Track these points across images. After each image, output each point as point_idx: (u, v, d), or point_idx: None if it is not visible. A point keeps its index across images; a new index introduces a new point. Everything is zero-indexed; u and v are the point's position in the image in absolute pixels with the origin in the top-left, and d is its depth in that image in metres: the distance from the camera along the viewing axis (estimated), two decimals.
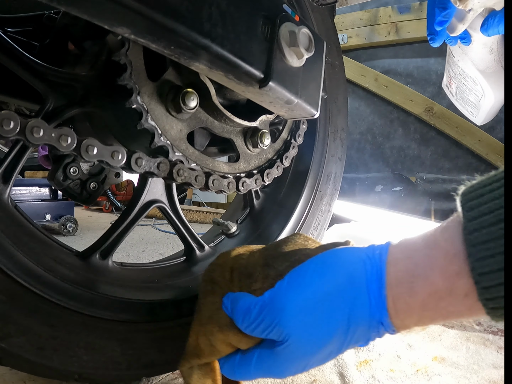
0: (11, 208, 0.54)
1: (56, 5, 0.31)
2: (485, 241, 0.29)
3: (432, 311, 0.33)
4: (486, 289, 0.29)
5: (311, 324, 0.36)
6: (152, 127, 0.50)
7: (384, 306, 0.34)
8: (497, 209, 0.29)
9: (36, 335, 0.49)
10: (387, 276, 0.34)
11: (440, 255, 0.32)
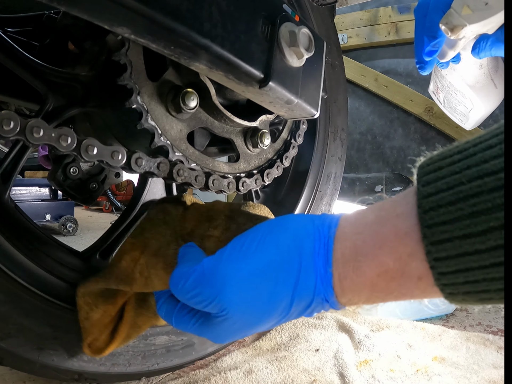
0: (11, 208, 0.54)
1: (56, 5, 0.31)
2: (442, 222, 0.25)
3: (383, 292, 0.30)
4: (443, 274, 0.26)
5: (252, 299, 0.33)
6: (152, 127, 0.50)
7: (330, 284, 0.32)
8: (456, 185, 0.25)
9: (36, 335, 0.49)
10: (334, 252, 0.31)
11: (390, 233, 0.29)
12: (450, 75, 0.84)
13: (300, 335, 0.82)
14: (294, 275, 0.33)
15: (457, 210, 0.25)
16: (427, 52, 0.75)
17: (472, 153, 0.26)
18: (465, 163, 0.26)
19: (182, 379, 0.65)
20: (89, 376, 0.55)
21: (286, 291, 0.33)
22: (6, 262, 0.48)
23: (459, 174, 0.26)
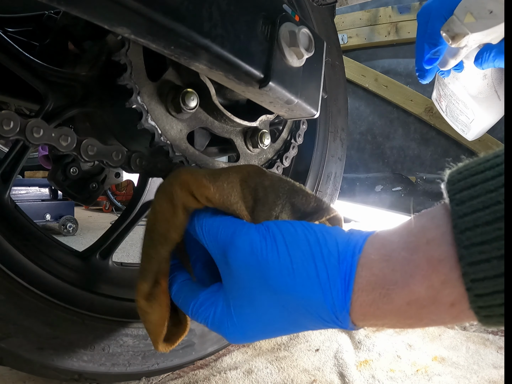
0: (11, 208, 0.54)
1: (56, 5, 0.31)
2: (480, 242, 0.25)
3: (411, 319, 0.30)
4: (479, 296, 0.25)
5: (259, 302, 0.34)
6: (152, 127, 0.50)
7: (347, 309, 0.31)
8: (493, 204, 0.25)
9: (36, 335, 0.49)
10: (357, 279, 0.31)
11: (422, 260, 0.28)
12: (453, 83, 0.82)
13: (300, 335, 0.82)
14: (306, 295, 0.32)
15: (494, 230, 0.24)
16: (427, 60, 0.72)
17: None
18: (499, 181, 0.25)
19: (182, 379, 0.65)
20: (89, 376, 0.55)
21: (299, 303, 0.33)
22: (6, 262, 0.48)
23: (494, 192, 0.25)
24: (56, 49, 0.63)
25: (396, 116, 2.75)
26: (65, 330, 0.52)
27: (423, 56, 0.72)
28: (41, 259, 0.53)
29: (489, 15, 0.58)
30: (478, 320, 0.27)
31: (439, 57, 0.71)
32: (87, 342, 0.54)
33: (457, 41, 0.61)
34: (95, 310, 0.55)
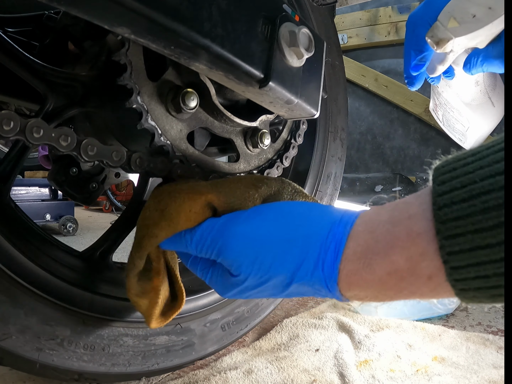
0: (11, 208, 0.54)
1: (56, 5, 0.31)
2: (456, 217, 0.27)
3: (392, 290, 0.31)
4: (455, 269, 0.27)
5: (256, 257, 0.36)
6: (152, 127, 0.50)
7: (335, 279, 0.33)
8: (470, 183, 0.27)
9: (36, 335, 0.49)
10: (345, 250, 0.33)
11: (402, 233, 0.30)
12: (446, 92, 0.82)
13: (300, 335, 0.82)
14: (300, 257, 0.35)
15: (469, 206, 0.26)
16: (414, 67, 0.72)
17: (485, 155, 0.27)
18: (478, 164, 0.27)
19: (182, 379, 0.65)
20: (89, 376, 0.55)
21: (289, 266, 0.35)
22: (6, 262, 0.48)
23: (472, 173, 0.27)
24: (56, 49, 0.63)
25: (396, 116, 2.75)
26: (65, 330, 0.52)
27: (409, 62, 0.72)
28: (41, 259, 0.53)
29: (472, 19, 0.58)
30: (455, 294, 0.28)
31: (425, 63, 0.70)
32: (87, 342, 0.54)
33: (442, 46, 0.61)
34: (95, 310, 0.55)
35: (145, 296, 0.47)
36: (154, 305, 0.46)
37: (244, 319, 0.75)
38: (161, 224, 0.43)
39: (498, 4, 0.56)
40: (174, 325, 0.64)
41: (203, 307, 0.68)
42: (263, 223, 0.38)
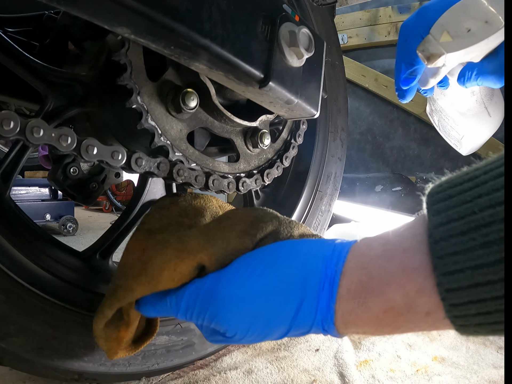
0: (11, 208, 0.54)
1: (56, 5, 0.31)
2: (454, 252, 0.25)
3: (389, 327, 0.30)
4: (454, 306, 0.25)
5: (251, 321, 0.34)
6: (152, 127, 0.50)
7: (331, 320, 0.32)
8: (468, 214, 0.25)
9: (36, 335, 0.49)
10: (339, 288, 0.31)
11: (397, 268, 0.29)
12: (441, 100, 0.78)
13: None
14: (295, 307, 0.33)
15: (469, 240, 0.24)
16: (403, 80, 0.67)
17: (483, 181, 0.25)
18: (477, 192, 0.25)
19: (182, 379, 0.65)
20: (89, 376, 0.55)
21: (285, 319, 0.33)
22: (6, 262, 0.48)
23: (470, 203, 0.25)
24: (56, 49, 0.63)
25: (396, 116, 2.75)
26: (65, 330, 0.52)
27: (400, 76, 0.68)
28: (41, 259, 0.53)
29: (466, 33, 0.54)
30: (455, 329, 0.27)
31: (415, 77, 0.66)
32: (87, 342, 0.54)
33: (433, 61, 0.57)
34: (95, 310, 0.55)
35: (108, 342, 0.45)
36: (113, 354, 0.46)
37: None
38: (140, 279, 0.40)
39: (496, 18, 0.52)
40: (174, 325, 0.64)
41: None
42: (253, 279, 0.35)
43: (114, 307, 0.42)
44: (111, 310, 0.43)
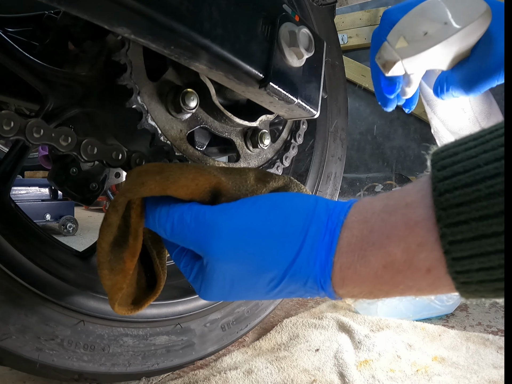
0: (11, 208, 0.54)
1: (56, 5, 0.31)
2: (459, 203, 0.24)
3: (387, 285, 0.29)
4: (457, 260, 0.25)
5: (244, 254, 0.33)
6: (152, 127, 0.50)
7: (328, 273, 0.31)
8: (473, 168, 0.25)
9: (36, 335, 0.49)
10: (339, 241, 0.30)
11: (399, 221, 0.28)
12: (433, 119, 0.72)
13: (300, 335, 0.82)
14: (293, 253, 0.32)
15: (474, 191, 0.24)
16: (386, 88, 0.62)
17: (489, 139, 0.26)
18: (482, 148, 0.25)
19: (182, 379, 0.65)
20: (89, 376, 0.55)
21: (280, 263, 0.32)
22: (6, 262, 0.48)
23: (475, 158, 0.25)
24: (56, 49, 0.63)
25: (396, 116, 2.75)
26: (65, 330, 0.52)
27: (379, 85, 0.62)
28: (41, 259, 0.53)
29: (423, 37, 0.50)
30: (456, 287, 0.26)
31: (396, 83, 0.60)
32: (87, 342, 0.54)
33: (389, 69, 0.53)
34: (95, 310, 0.55)
35: (112, 275, 0.41)
36: (118, 290, 0.41)
37: (244, 319, 0.75)
38: (155, 177, 0.37)
39: (456, 18, 0.48)
40: (174, 325, 0.64)
41: (203, 307, 0.68)
42: (256, 215, 0.34)
43: (121, 205, 0.39)
44: (116, 214, 0.39)
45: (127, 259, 0.40)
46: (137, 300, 0.45)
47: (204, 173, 0.38)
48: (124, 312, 0.43)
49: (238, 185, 0.39)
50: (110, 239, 0.40)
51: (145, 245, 0.43)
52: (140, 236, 0.40)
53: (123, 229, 0.40)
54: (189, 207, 0.37)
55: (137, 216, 0.39)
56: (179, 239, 0.37)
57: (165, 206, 0.38)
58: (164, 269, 0.45)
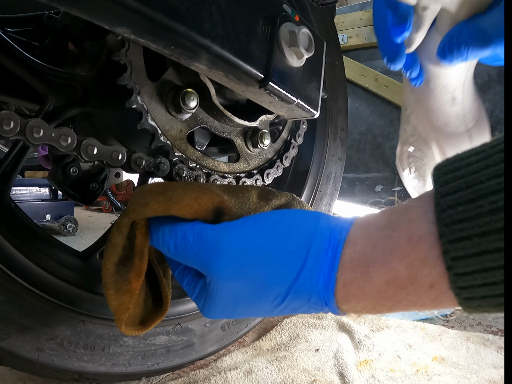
0: (11, 208, 0.54)
1: (56, 5, 0.31)
2: (461, 219, 0.25)
3: (390, 300, 0.29)
4: (460, 276, 0.25)
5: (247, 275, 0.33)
6: (152, 127, 0.50)
7: (332, 289, 0.31)
8: (475, 184, 0.25)
9: (36, 335, 0.49)
10: (342, 257, 0.31)
11: (402, 237, 0.28)
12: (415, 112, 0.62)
13: (300, 335, 0.82)
14: (296, 270, 0.32)
15: (476, 207, 0.24)
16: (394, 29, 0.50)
17: (491, 154, 0.26)
18: (484, 163, 0.25)
19: (182, 379, 0.65)
20: (89, 376, 0.55)
21: (283, 281, 0.32)
22: (6, 262, 0.48)
23: (478, 173, 0.25)
24: (56, 49, 0.63)
25: (396, 116, 2.75)
26: (65, 330, 0.52)
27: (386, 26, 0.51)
28: (41, 259, 0.53)
29: None
30: (459, 302, 0.26)
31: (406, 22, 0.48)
32: (87, 342, 0.54)
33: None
34: (95, 310, 0.55)
35: (118, 296, 0.41)
36: (125, 310, 0.41)
37: (244, 319, 0.75)
38: (158, 198, 0.38)
39: None
40: (174, 325, 0.64)
41: None
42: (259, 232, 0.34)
43: (125, 225, 0.39)
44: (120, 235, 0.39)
45: (132, 279, 0.40)
46: (144, 320, 0.45)
47: (207, 192, 0.38)
48: (131, 332, 0.43)
49: (241, 203, 0.39)
50: (115, 260, 0.40)
51: (150, 264, 0.44)
52: (146, 257, 0.41)
53: (128, 250, 0.41)
54: (192, 226, 0.37)
55: (142, 237, 0.40)
56: (182, 258, 0.37)
57: (169, 225, 0.38)
58: (170, 288, 0.46)
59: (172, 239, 0.37)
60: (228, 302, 0.35)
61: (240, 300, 0.34)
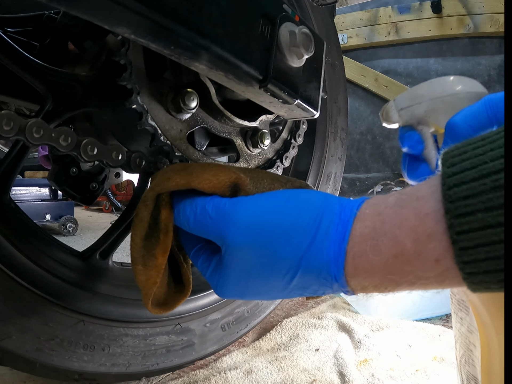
0: (11, 208, 0.54)
1: (56, 5, 0.31)
2: (466, 196, 0.27)
3: (397, 274, 0.30)
4: (464, 250, 0.26)
5: (260, 244, 0.35)
6: (152, 127, 0.50)
7: (342, 262, 0.32)
8: (480, 164, 0.27)
9: (36, 335, 0.49)
10: (352, 231, 0.32)
11: (410, 214, 0.30)
12: None
13: (300, 335, 0.82)
14: (306, 241, 0.33)
15: (480, 185, 0.26)
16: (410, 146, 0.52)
17: (495, 139, 0.28)
18: (489, 147, 0.28)
19: (182, 379, 0.65)
20: (89, 376, 0.55)
21: (295, 252, 0.34)
22: (6, 262, 0.48)
23: (482, 155, 0.27)
24: (56, 49, 0.63)
25: None
26: (65, 330, 0.52)
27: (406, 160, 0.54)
28: (41, 259, 0.53)
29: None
30: (463, 278, 0.27)
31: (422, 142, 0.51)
32: (87, 342, 0.54)
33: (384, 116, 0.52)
34: (95, 310, 0.55)
35: (146, 270, 0.42)
36: (152, 284, 0.42)
37: (244, 319, 0.75)
38: (180, 173, 0.40)
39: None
40: (174, 325, 0.64)
41: (203, 307, 0.68)
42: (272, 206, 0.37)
43: (150, 199, 0.41)
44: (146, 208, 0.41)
45: (158, 255, 0.42)
46: (166, 302, 0.46)
47: (224, 170, 0.41)
48: (156, 311, 0.44)
49: (256, 182, 0.42)
50: (143, 234, 0.42)
51: (171, 251, 0.45)
52: (170, 232, 0.42)
53: (152, 227, 0.43)
54: (211, 198, 0.40)
55: (167, 212, 0.42)
56: (200, 229, 0.40)
57: (190, 198, 0.41)
58: (190, 272, 0.47)
59: (192, 211, 0.40)
60: (241, 276, 0.37)
61: (252, 273, 0.36)
